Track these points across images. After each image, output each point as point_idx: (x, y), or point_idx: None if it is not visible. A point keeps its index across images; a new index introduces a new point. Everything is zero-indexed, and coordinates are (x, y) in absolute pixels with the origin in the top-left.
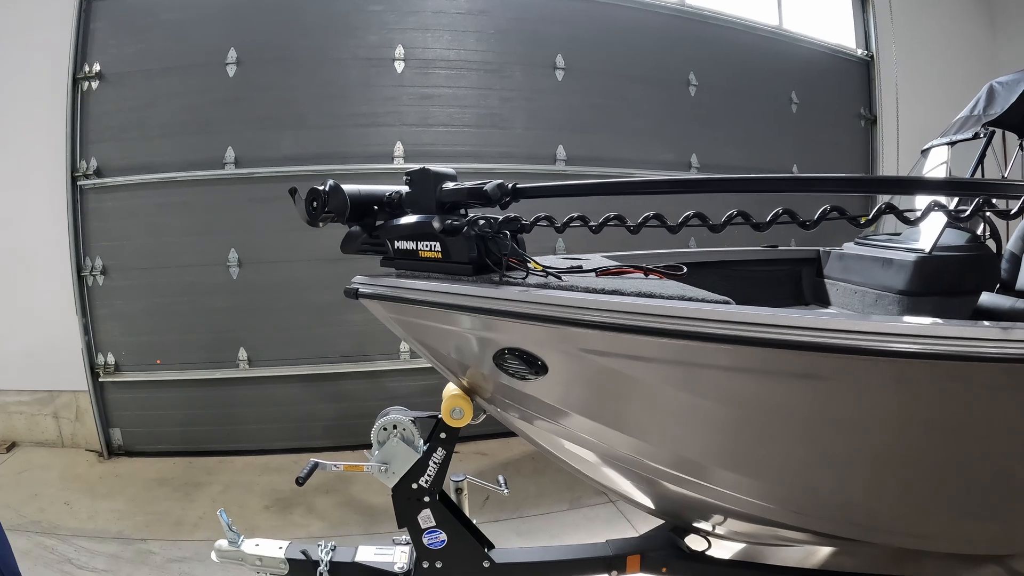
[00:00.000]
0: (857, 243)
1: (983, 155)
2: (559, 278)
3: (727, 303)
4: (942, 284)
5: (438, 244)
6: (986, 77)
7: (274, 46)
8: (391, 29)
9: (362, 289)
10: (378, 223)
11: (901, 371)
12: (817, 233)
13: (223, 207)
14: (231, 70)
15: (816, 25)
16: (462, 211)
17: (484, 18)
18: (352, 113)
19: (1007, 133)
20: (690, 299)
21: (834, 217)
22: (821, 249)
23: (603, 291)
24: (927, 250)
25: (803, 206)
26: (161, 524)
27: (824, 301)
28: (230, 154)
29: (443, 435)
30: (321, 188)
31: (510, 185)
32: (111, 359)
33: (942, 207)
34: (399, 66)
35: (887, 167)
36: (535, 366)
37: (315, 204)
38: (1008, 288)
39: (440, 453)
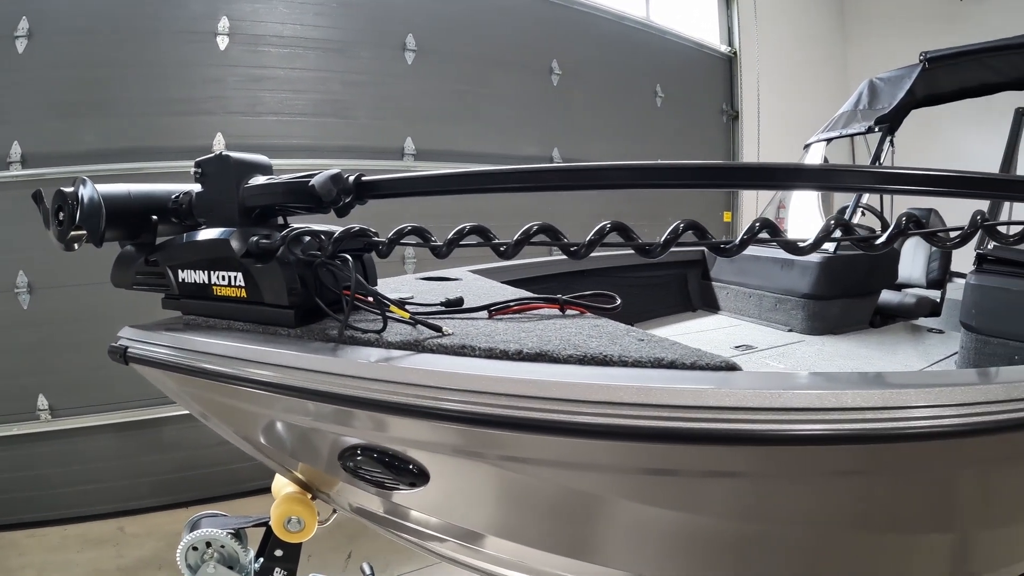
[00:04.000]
0: None
1: (879, 151)
2: (440, 331)
3: (733, 369)
4: (848, 285)
5: (240, 276)
6: (838, 73)
7: (74, 14)
8: None
9: (132, 349)
10: (159, 241)
11: None
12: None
13: (8, 218)
14: (21, 44)
15: (682, 20)
16: (281, 221)
17: None
18: (166, 99)
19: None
20: (692, 365)
21: (691, 244)
22: (706, 249)
23: (521, 355)
24: (832, 250)
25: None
26: None
27: (713, 306)
28: (16, 151)
29: (279, 552)
30: (70, 191)
31: (350, 177)
32: None
33: (847, 228)
34: (222, 42)
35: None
36: (407, 473)
37: (61, 215)
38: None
39: (279, 575)
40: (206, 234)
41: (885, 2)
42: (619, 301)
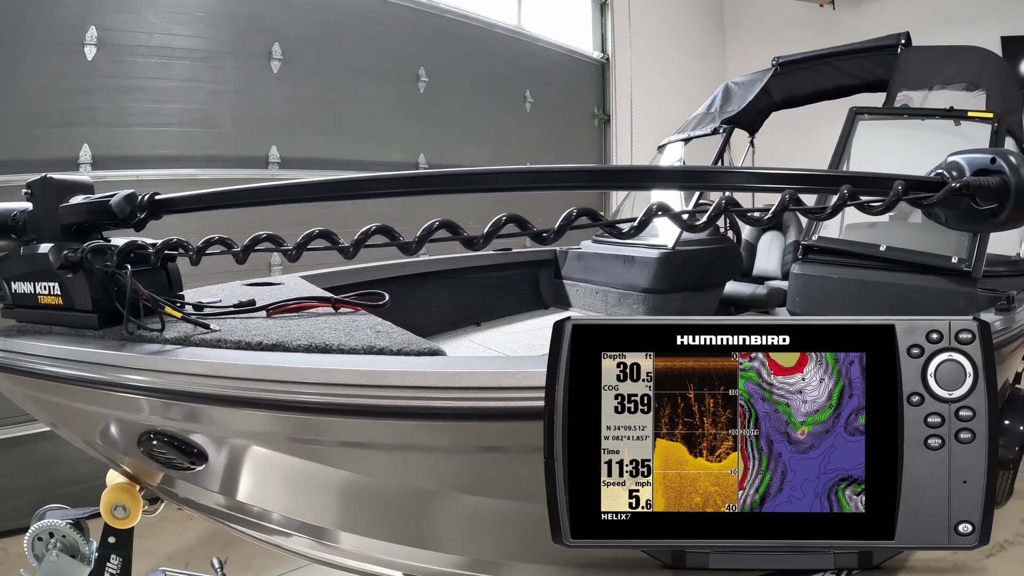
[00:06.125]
0: (596, 241)
1: (723, 150)
2: (207, 327)
3: (437, 354)
4: (688, 279)
5: (57, 286)
6: (718, 79)
7: None
8: (83, 6)
9: None
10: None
11: None
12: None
13: None
14: None
15: (556, 28)
16: (102, 237)
17: None
18: (32, 110)
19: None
20: (399, 351)
21: (586, 226)
22: (558, 249)
23: (261, 345)
24: (670, 246)
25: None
26: None
27: (565, 303)
28: None
29: (112, 539)
30: None
31: (146, 196)
32: None
33: (668, 212)
34: (90, 52)
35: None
36: (190, 454)
37: None
38: (747, 274)
39: (116, 562)
40: (34, 249)
41: (764, 10)
42: (387, 298)
